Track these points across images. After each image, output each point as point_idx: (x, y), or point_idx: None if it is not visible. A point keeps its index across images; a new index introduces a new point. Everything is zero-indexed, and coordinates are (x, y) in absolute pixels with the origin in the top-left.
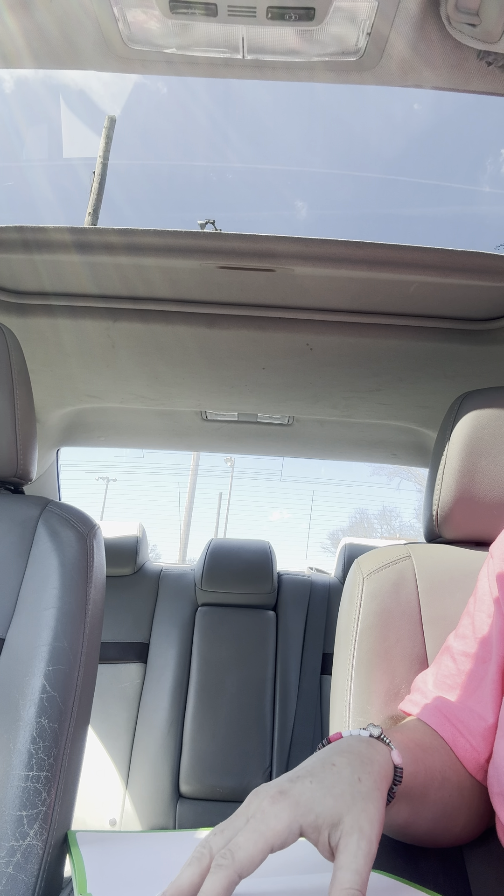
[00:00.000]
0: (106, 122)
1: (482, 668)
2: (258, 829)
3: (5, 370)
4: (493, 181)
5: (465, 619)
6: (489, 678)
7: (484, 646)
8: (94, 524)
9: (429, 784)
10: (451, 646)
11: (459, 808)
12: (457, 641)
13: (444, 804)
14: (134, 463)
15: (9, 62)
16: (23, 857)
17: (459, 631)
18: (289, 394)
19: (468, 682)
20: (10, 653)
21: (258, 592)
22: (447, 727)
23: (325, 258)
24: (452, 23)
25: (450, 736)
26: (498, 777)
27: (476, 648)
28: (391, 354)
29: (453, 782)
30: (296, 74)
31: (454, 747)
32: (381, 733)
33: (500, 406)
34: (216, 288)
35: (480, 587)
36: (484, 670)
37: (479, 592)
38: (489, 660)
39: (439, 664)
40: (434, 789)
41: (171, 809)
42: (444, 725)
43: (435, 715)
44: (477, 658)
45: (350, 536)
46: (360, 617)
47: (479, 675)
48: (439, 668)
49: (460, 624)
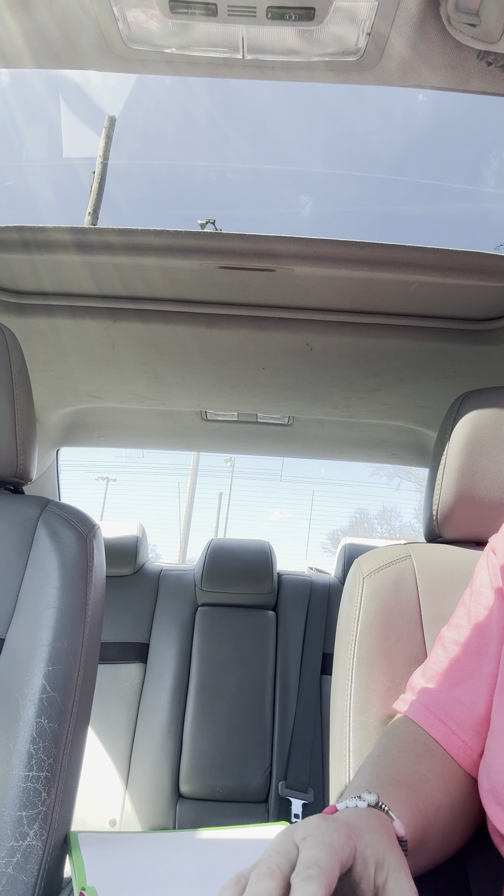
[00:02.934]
0: (106, 121)
1: (475, 660)
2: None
3: (5, 370)
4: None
5: (460, 609)
6: (485, 670)
7: (480, 638)
8: (93, 524)
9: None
10: (443, 635)
11: (454, 826)
12: (449, 631)
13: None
14: (134, 463)
15: (9, 62)
16: (23, 857)
17: (453, 621)
18: (289, 394)
19: (457, 671)
20: (10, 653)
21: (258, 592)
22: (438, 726)
23: (325, 258)
24: (452, 23)
25: (441, 735)
26: (488, 774)
27: (469, 638)
28: (391, 354)
29: (446, 806)
30: (296, 74)
31: (447, 747)
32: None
33: (500, 406)
34: (216, 288)
35: (478, 579)
36: (478, 662)
37: (475, 584)
38: (485, 652)
39: (433, 655)
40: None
41: (171, 809)
42: (434, 724)
43: (423, 713)
44: (470, 648)
45: (350, 536)
46: (360, 617)
47: (472, 665)
48: (430, 658)
49: (454, 614)
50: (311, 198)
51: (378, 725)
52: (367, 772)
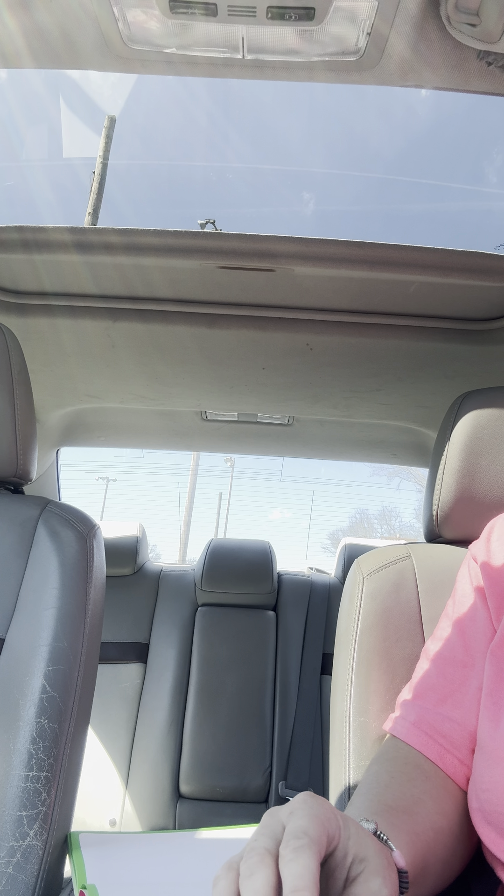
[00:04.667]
0: (106, 121)
1: (461, 673)
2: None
3: (5, 370)
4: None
5: (443, 621)
6: (472, 685)
7: (465, 650)
8: (93, 524)
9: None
10: (427, 648)
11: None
12: (434, 644)
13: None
14: (134, 463)
15: (9, 62)
16: (23, 857)
17: (437, 633)
18: (289, 394)
19: (444, 686)
20: (10, 653)
21: (258, 592)
22: (432, 745)
23: (325, 258)
24: (452, 23)
25: (436, 755)
26: (476, 793)
27: (454, 651)
28: (391, 354)
29: (446, 829)
30: (296, 74)
31: (443, 766)
32: (376, 829)
33: (500, 406)
34: (216, 288)
35: (460, 588)
36: (463, 675)
37: (457, 594)
38: (471, 665)
39: (419, 670)
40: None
41: (171, 809)
42: (427, 744)
43: (413, 732)
44: (455, 661)
45: (350, 536)
46: (360, 617)
47: (458, 679)
48: (417, 673)
49: (438, 626)
50: (314, 195)
51: (378, 726)
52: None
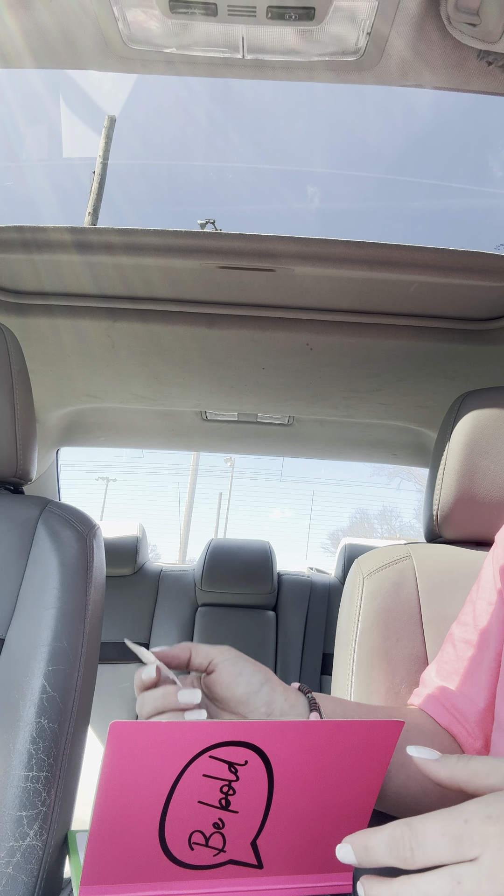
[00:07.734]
0: (106, 121)
1: (479, 654)
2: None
3: (5, 370)
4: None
5: (467, 605)
6: (485, 664)
7: (482, 633)
8: (93, 524)
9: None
10: (452, 633)
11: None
12: (458, 628)
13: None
14: (134, 463)
15: (9, 62)
16: (23, 857)
17: (461, 618)
18: (289, 394)
19: (466, 669)
20: (10, 653)
21: (258, 592)
22: (444, 715)
23: (325, 258)
24: (452, 23)
25: (446, 723)
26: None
27: (474, 635)
28: (391, 354)
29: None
30: (296, 74)
31: (452, 731)
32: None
33: (500, 406)
34: (216, 288)
35: (484, 575)
36: (481, 657)
37: (482, 580)
38: (487, 647)
39: (442, 652)
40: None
41: None
42: (441, 714)
43: (433, 704)
44: (474, 644)
45: (350, 536)
46: (360, 617)
47: (477, 660)
48: (442, 655)
49: (462, 611)
50: (318, 189)
51: None
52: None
